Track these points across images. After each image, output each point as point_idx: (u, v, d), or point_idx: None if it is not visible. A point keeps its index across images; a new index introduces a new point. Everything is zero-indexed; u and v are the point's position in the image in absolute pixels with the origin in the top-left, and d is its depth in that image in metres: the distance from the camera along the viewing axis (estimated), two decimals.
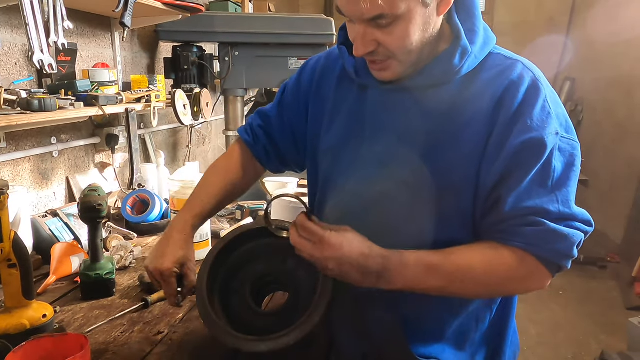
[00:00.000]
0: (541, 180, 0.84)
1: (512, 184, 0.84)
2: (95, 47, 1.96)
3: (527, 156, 0.83)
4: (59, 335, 0.87)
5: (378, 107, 0.95)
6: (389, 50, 0.84)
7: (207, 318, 0.90)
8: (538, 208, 0.83)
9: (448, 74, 0.88)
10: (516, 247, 0.84)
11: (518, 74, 0.87)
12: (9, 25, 1.51)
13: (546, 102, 0.85)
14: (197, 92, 2.30)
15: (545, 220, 0.82)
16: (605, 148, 4.65)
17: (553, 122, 0.84)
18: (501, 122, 0.85)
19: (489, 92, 0.86)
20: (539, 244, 0.83)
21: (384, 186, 0.92)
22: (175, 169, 1.75)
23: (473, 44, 0.87)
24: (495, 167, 0.85)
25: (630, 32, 4.16)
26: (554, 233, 0.82)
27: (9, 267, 0.95)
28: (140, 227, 1.69)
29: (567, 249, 0.83)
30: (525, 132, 0.83)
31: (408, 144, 0.90)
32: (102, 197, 1.18)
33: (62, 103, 1.42)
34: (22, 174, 1.59)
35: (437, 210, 0.89)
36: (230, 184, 1.13)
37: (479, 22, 0.89)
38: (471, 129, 0.86)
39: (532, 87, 0.86)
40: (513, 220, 0.84)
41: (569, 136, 0.87)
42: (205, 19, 2.26)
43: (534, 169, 0.83)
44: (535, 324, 3.05)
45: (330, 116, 1.02)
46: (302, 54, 2.37)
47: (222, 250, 0.98)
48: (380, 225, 0.90)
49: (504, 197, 0.84)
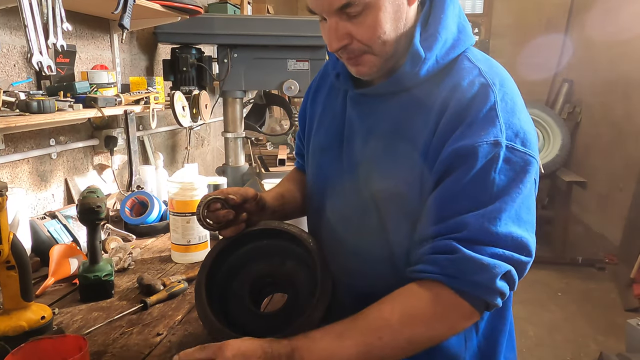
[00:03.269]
0: (474, 192, 0.77)
1: (438, 193, 0.80)
2: (94, 49, 1.96)
3: (455, 164, 0.79)
4: (57, 336, 0.87)
5: (352, 111, 0.97)
6: (363, 43, 0.84)
7: (206, 319, 0.90)
8: (459, 222, 0.76)
9: (404, 79, 0.87)
10: (431, 279, 0.78)
11: (470, 79, 0.83)
12: (8, 27, 1.51)
13: (494, 110, 0.80)
14: (196, 94, 2.30)
15: (460, 246, 0.75)
16: (603, 149, 4.66)
17: (495, 130, 0.78)
18: (441, 127, 0.82)
19: (441, 96, 0.84)
20: (454, 275, 0.76)
21: (359, 189, 0.93)
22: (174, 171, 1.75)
23: (429, 50, 0.85)
24: (432, 175, 0.82)
25: (628, 33, 4.17)
26: (472, 261, 0.75)
27: (7, 269, 0.95)
28: (139, 229, 1.69)
29: (488, 280, 0.75)
30: (461, 139, 0.79)
31: (372, 147, 0.91)
32: (101, 198, 1.18)
33: (60, 105, 1.42)
34: (21, 176, 1.59)
35: (398, 214, 0.88)
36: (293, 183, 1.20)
37: (443, 26, 0.86)
38: (422, 133, 0.85)
39: (480, 93, 0.81)
40: (431, 242, 0.79)
41: (524, 149, 0.80)
42: (203, 21, 2.26)
43: (464, 179, 0.77)
44: (534, 325, 3.05)
45: (319, 119, 1.06)
46: (301, 56, 2.37)
47: (221, 252, 0.98)
48: (359, 230, 0.91)
49: (428, 206, 0.81)
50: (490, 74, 0.85)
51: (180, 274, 1.33)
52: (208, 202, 0.95)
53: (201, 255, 1.44)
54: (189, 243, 1.43)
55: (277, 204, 1.09)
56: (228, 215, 0.95)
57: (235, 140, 2.56)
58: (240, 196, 0.96)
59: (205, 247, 1.47)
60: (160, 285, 1.24)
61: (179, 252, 1.45)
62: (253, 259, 1.00)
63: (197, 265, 1.38)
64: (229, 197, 0.95)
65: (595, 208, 4.67)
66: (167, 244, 1.59)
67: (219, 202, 0.95)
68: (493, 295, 0.77)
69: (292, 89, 2.36)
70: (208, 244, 1.48)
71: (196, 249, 1.45)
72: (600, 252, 4.09)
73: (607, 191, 4.54)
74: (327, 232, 1.02)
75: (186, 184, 1.42)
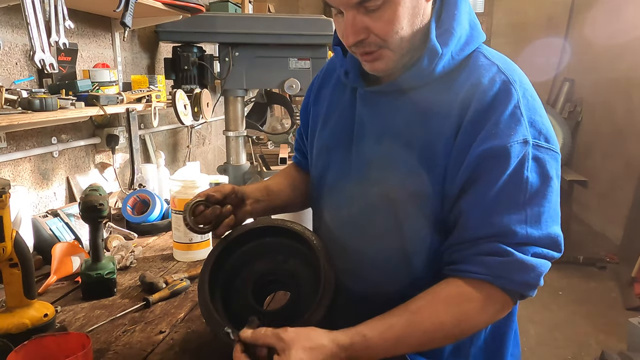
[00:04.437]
0: (511, 194, 0.79)
1: (474, 197, 0.81)
2: (96, 47, 1.96)
3: (489, 166, 0.79)
4: (61, 334, 0.87)
5: (363, 109, 0.96)
6: (380, 37, 0.83)
7: (209, 317, 0.90)
8: (504, 228, 0.78)
9: (420, 76, 0.86)
10: (481, 279, 0.80)
11: (490, 77, 0.83)
12: (10, 25, 1.51)
13: (518, 109, 0.80)
14: (198, 92, 2.30)
15: (510, 249, 0.78)
16: (604, 149, 4.66)
17: (522, 129, 0.79)
18: (465, 126, 0.82)
19: (460, 94, 0.84)
20: (505, 276, 0.79)
21: (370, 188, 0.92)
22: (175, 170, 1.75)
23: (446, 45, 0.84)
24: (458, 176, 0.82)
25: (629, 33, 4.17)
26: (521, 264, 0.78)
27: (10, 266, 0.95)
28: (141, 227, 1.69)
29: (534, 280, 0.80)
30: (489, 139, 0.79)
31: (385, 146, 0.90)
32: (103, 196, 1.18)
33: (63, 103, 1.42)
34: (23, 174, 1.59)
35: (416, 214, 0.87)
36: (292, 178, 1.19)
37: (457, 22, 0.86)
38: (442, 131, 0.84)
39: (502, 91, 0.82)
40: (476, 245, 0.80)
41: (548, 145, 0.82)
42: (205, 20, 2.26)
43: (498, 181, 0.79)
44: (535, 324, 3.05)
45: (324, 117, 1.05)
46: (302, 54, 2.37)
47: (224, 250, 0.98)
48: (369, 230, 0.91)
49: (466, 210, 0.81)
50: (508, 71, 0.85)
51: (182, 272, 1.33)
52: (192, 207, 0.97)
53: (203, 253, 1.44)
54: (191, 241, 1.44)
55: (260, 195, 1.08)
56: (215, 211, 0.96)
57: (237, 138, 2.56)
58: (219, 192, 0.98)
59: (208, 245, 1.47)
60: (163, 283, 1.24)
61: (181, 250, 1.45)
62: (256, 256, 1.00)
63: (199, 264, 1.38)
64: (209, 195, 0.97)
65: (596, 207, 4.67)
66: (169, 242, 1.59)
67: (201, 204, 0.97)
68: (534, 291, 0.82)
69: (293, 87, 2.36)
70: (210, 242, 1.48)
71: (198, 247, 1.45)
72: (601, 251, 4.08)
73: (608, 190, 4.54)
74: (327, 233, 1.01)
75: (188, 182, 1.42)
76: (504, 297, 0.82)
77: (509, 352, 1.00)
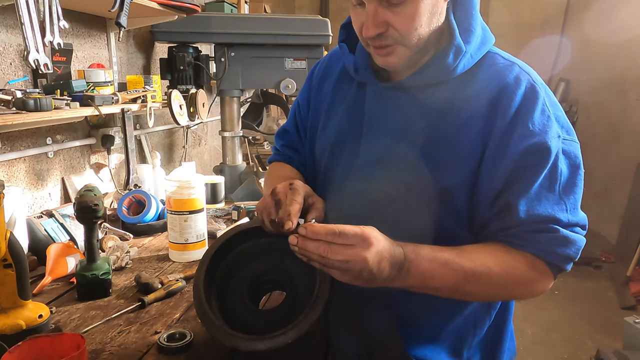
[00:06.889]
0: (549, 185, 0.84)
1: (519, 190, 0.84)
2: (91, 48, 1.95)
3: (532, 161, 0.83)
4: (55, 335, 0.86)
5: (376, 105, 0.95)
6: (399, 32, 0.84)
7: (204, 317, 0.90)
8: (550, 217, 0.84)
9: (443, 73, 0.88)
10: (528, 252, 0.85)
11: (514, 76, 0.87)
12: (4, 25, 1.51)
13: (545, 106, 0.85)
14: (193, 92, 2.29)
15: (558, 227, 0.83)
16: (599, 148, 4.68)
17: (554, 125, 0.84)
18: (499, 126, 0.84)
19: (485, 93, 0.86)
20: (550, 250, 0.84)
21: (382, 185, 0.92)
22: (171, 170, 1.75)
23: (468, 44, 0.87)
24: (499, 172, 0.85)
25: (624, 33, 4.18)
26: (566, 239, 0.84)
27: (4, 267, 0.94)
28: (137, 228, 1.69)
29: (574, 253, 0.85)
30: (528, 137, 0.83)
31: (404, 143, 0.90)
32: (98, 197, 1.18)
33: (57, 103, 1.42)
34: (17, 175, 1.59)
35: (433, 209, 0.89)
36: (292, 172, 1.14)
37: (476, 21, 0.89)
38: (467, 129, 0.86)
39: (530, 90, 0.85)
40: (525, 226, 0.84)
41: (571, 137, 0.87)
42: (201, 20, 2.26)
43: (541, 174, 0.84)
44: (531, 323, 3.06)
45: (327, 113, 1.03)
46: (298, 54, 2.37)
47: (219, 250, 0.97)
48: (380, 226, 0.90)
49: (513, 203, 0.84)
50: (529, 70, 0.89)
51: (178, 273, 1.33)
52: None
53: (199, 253, 1.44)
54: (187, 242, 1.43)
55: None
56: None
57: (233, 139, 2.56)
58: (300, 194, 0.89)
59: (203, 245, 1.46)
60: (158, 284, 1.24)
61: (176, 250, 1.45)
62: (251, 256, 0.99)
63: (195, 264, 1.38)
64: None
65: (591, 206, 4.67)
66: (165, 242, 1.58)
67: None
68: (571, 265, 0.87)
69: (289, 87, 2.36)
70: (206, 242, 1.48)
71: (194, 247, 1.44)
72: (597, 251, 4.10)
73: (603, 190, 4.56)
74: None
75: (184, 182, 1.41)
76: (546, 270, 0.86)
77: (506, 345, 1.03)
